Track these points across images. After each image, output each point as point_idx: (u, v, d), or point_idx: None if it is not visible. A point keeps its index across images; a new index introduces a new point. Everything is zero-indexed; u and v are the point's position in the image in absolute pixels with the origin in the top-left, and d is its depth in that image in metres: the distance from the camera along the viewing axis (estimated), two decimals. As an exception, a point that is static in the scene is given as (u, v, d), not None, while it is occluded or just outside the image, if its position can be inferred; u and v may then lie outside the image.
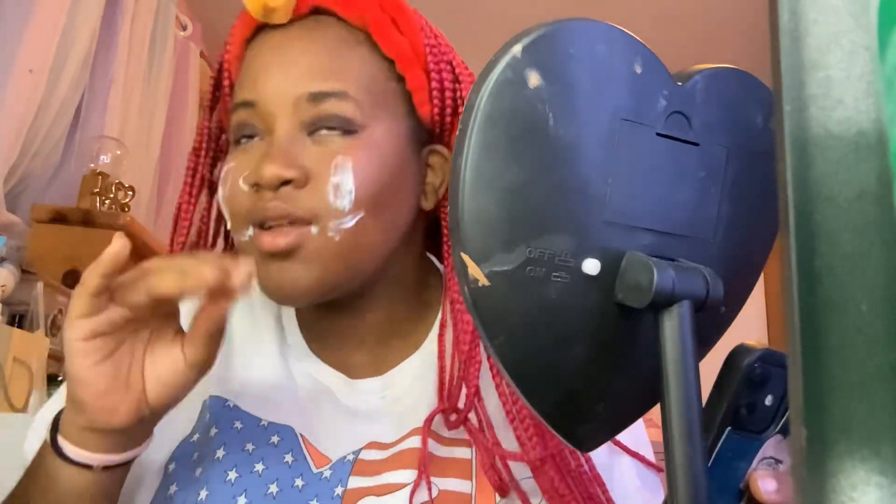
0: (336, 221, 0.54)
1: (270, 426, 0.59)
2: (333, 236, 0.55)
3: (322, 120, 0.56)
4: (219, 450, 0.58)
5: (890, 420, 0.17)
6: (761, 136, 0.39)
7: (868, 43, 0.18)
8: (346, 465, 0.58)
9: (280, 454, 0.58)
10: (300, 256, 0.55)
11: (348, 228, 0.55)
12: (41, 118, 1.72)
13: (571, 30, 0.33)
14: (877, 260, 0.18)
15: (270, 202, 0.54)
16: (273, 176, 0.54)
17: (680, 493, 0.32)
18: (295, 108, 0.56)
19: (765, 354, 0.39)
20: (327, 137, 0.56)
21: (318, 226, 0.54)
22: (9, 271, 1.42)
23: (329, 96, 0.56)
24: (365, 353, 0.64)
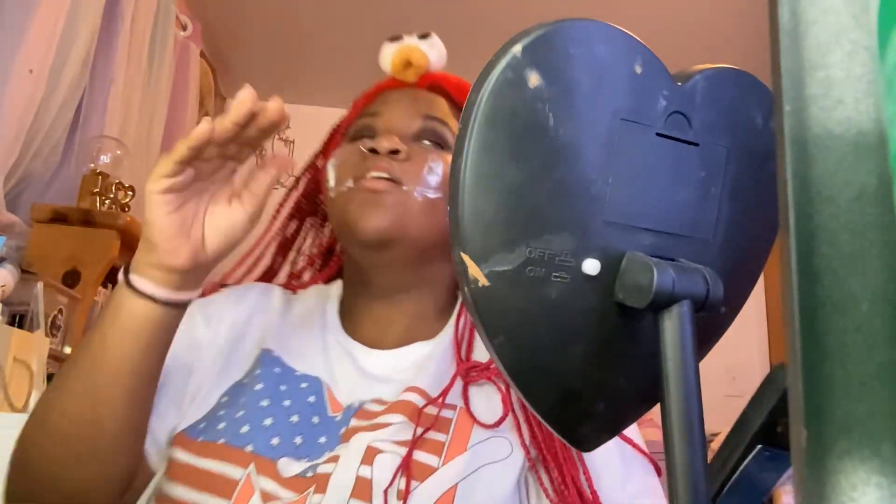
0: (422, 188, 0.73)
1: (303, 375, 0.73)
2: (417, 197, 0.72)
3: (428, 133, 0.77)
4: (258, 384, 0.71)
5: (890, 420, 0.17)
6: (761, 136, 0.39)
7: (868, 43, 0.18)
8: (351, 410, 0.70)
9: (306, 395, 0.71)
10: (389, 200, 0.71)
11: (429, 198, 0.73)
12: (41, 118, 1.72)
13: (571, 30, 0.33)
14: (877, 260, 0.18)
15: (381, 161, 0.72)
16: (390, 144, 0.73)
17: (680, 493, 0.32)
18: (411, 120, 0.77)
19: None
20: (426, 146, 0.76)
21: (408, 186, 0.72)
22: (9, 271, 1.42)
23: (436, 120, 0.78)
24: (392, 336, 0.78)
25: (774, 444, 0.39)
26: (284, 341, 0.78)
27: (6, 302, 1.41)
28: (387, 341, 0.78)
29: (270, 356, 0.75)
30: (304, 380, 0.73)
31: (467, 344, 0.77)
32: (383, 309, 0.79)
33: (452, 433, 0.68)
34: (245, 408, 0.69)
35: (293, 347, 0.77)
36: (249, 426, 0.67)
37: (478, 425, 0.68)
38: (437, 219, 0.74)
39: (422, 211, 0.73)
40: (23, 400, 1.30)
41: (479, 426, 0.68)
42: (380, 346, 0.78)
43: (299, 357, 0.76)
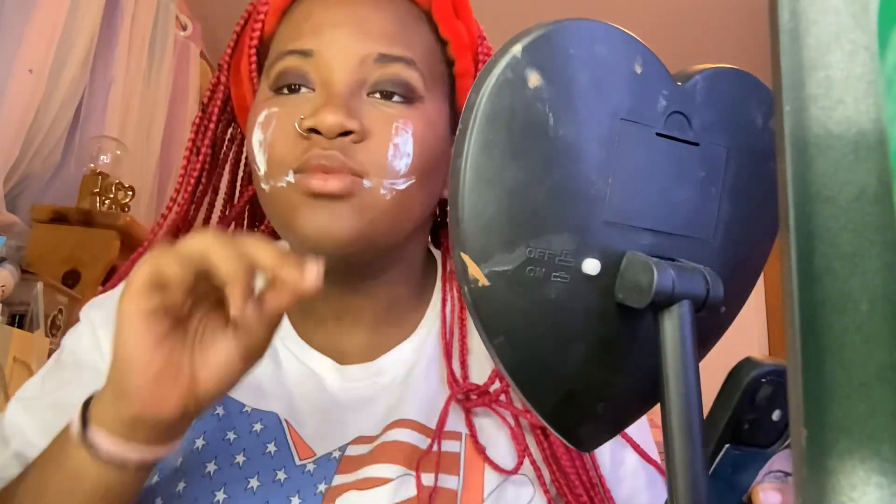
0: (390, 181, 0.54)
1: (254, 412, 0.57)
2: (385, 194, 0.54)
3: (386, 83, 0.55)
4: (198, 439, 0.55)
5: (890, 420, 0.17)
6: (761, 136, 0.39)
7: (868, 43, 0.18)
8: (331, 462, 0.55)
9: (262, 444, 0.55)
10: (350, 203, 0.53)
11: (399, 190, 0.55)
12: (41, 118, 1.72)
13: (571, 30, 0.33)
14: (877, 260, 0.18)
15: (328, 150, 0.53)
16: (336, 123, 0.52)
17: (680, 494, 0.32)
18: (360, 65, 0.55)
19: (773, 370, 0.37)
20: (385, 102, 0.55)
21: (371, 181, 0.54)
22: (9, 271, 1.42)
23: (398, 60, 0.56)
24: (359, 337, 0.62)
25: (743, 442, 0.38)
26: None
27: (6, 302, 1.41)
28: (356, 345, 0.62)
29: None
30: (257, 418, 0.56)
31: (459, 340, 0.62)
32: (347, 300, 0.61)
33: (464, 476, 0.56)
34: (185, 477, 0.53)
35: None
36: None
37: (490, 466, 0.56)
38: (412, 209, 0.57)
39: (392, 210, 0.55)
40: (23, 400, 1.30)
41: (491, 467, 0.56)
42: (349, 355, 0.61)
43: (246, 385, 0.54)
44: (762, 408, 0.38)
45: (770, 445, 0.39)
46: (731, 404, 0.37)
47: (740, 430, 0.38)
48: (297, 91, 0.56)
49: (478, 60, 0.63)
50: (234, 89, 0.65)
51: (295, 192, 0.54)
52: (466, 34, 0.62)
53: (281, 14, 0.61)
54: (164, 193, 2.33)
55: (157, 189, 2.31)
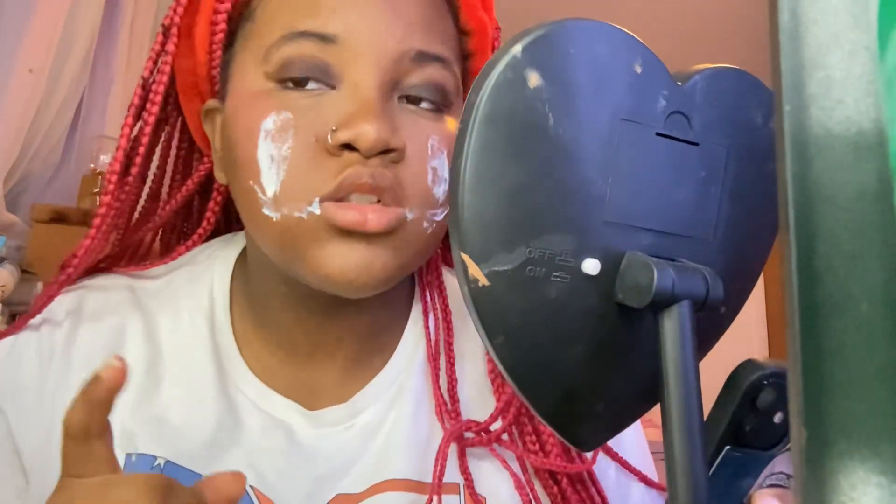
0: (431, 211, 0.46)
1: None
2: (427, 227, 0.46)
3: (422, 88, 0.46)
4: None
5: (890, 420, 0.17)
6: (761, 136, 0.39)
7: (868, 43, 0.18)
8: None
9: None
10: (392, 240, 0.45)
11: (438, 223, 0.46)
12: (41, 118, 1.72)
13: (571, 30, 0.33)
14: (877, 260, 0.18)
15: (377, 168, 0.43)
16: (380, 140, 0.43)
17: (680, 494, 0.32)
18: (395, 62, 0.45)
19: (774, 372, 0.37)
20: (415, 109, 0.46)
21: (414, 213, 0.45)
22: (9, 271, 1.42)
23: (436, 61, 0.46)
24: (335, 370, 0.53)
25: (744, 444, 0.38)
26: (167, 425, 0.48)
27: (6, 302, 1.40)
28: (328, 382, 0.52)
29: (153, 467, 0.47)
30: None
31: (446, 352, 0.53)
32: (324, 329, 0.51)
33: None
34: None
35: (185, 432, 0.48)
36: None
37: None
38: (437, 241, 0.49)
39: (430, 246, 0.47)
40: (23, 400, 1.30)
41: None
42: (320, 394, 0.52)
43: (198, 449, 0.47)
44: (763, 410, 0.38)
45: (771, 448, 0.39)
46: (731, 406, 0.37)
47: (741, 433, 0.38)
48: (305, 85, 0.45)
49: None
50: (180, 60, 0.52)
51: (319, 225, 0.44)
52: (490, 28, 0.53)
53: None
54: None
55: (157, 189, 2.31)
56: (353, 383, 0.53)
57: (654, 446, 0.68)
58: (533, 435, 0.53)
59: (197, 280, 0.54)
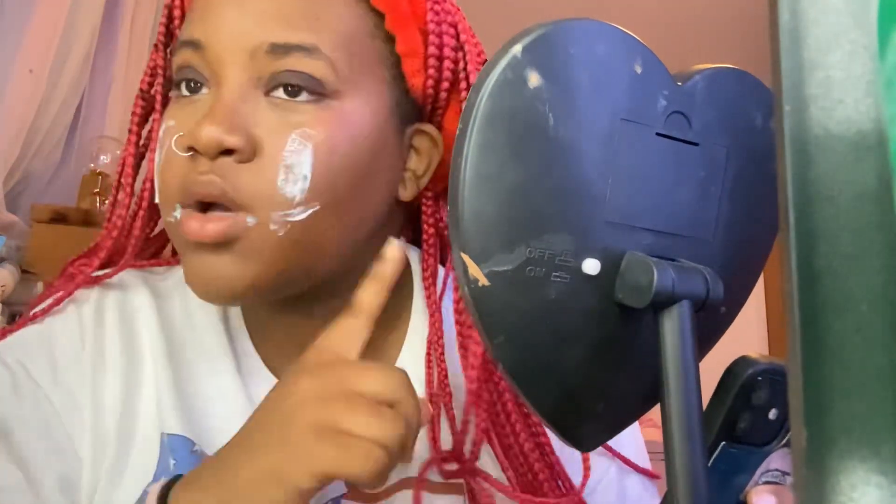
0: (281, 213, 0.44)
1: None
2: (276, 230, 0.44)
3: (283, 78, 0.45)
4: None
5: (890, 420, 0.17)
6: (761, 136, 0.39)
7: (868, 43, 0.18)
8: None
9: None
10: (233, 250, 0.44)
11: (296, 222, 0.44)
12: (41, 118, 1.72)
13: (571, 30, 0.33)
14: (877, 260, 0.18)
15: (205, 175, 0.43)
16: (211, 140, 0.43)
17: (680, 494, 0.32)
18: (251, 58, 0.45)
19: (768, 368, 0.37)
20: (288, 102, 0.45)
21: (256, 216, 0.44)
22: (9, 271, 1.42)
23: (295, 49, 0.44)
24: None
25: (740, 440, 0.38)
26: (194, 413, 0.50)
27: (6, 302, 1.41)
28: None
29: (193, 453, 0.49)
30: None
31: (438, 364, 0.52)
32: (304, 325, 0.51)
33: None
34: None
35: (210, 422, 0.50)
36: None
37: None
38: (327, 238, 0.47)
39: (293, 247, 0.45)
40: (23, 400, 1.30)
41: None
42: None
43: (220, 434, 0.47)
44: (758, 406, 0.38)
45: (767, 444, 0.39)
46: (726, 402, 0.37)
47: (736, 429, 0.38)
48: (198, 90, 0.47)
49: (427, 34, 0.50)
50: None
51: (177, 232, 0.45)
52: (408, 3, 0.49)
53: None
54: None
55: (157, 189, 2.31)
56: None
57: (655, 446, 0.68)
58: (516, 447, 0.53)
59: None
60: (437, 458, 0.51)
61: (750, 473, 0.39)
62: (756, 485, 0.39)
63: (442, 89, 0.51)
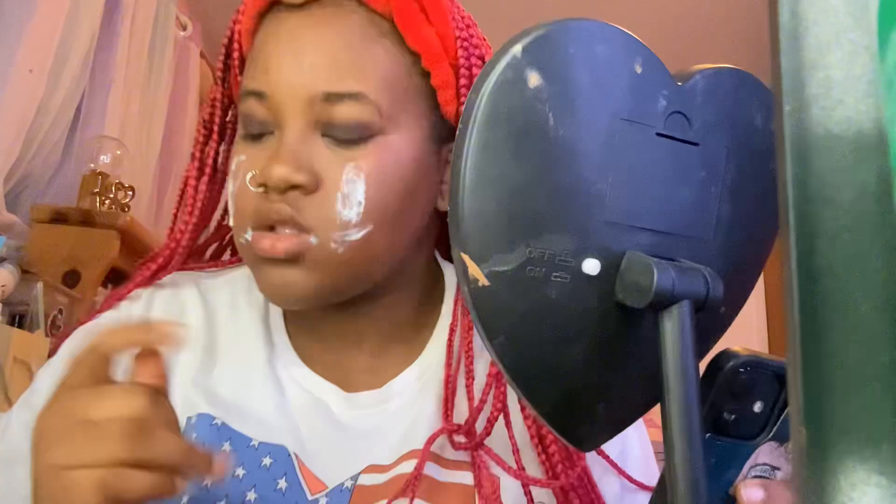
0: (341, 233, 0.51)
1: (262, 446, 0.55)
2: (336, 248, 0.52)
3: (337, 122, 0.52)
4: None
5: (890, 420, 0.17)
6: (761, 136, 0.39)
7: (868, 43, 0.18)
8: (343, 493, 0.54)
9: (273, 479, 0.54)
10: (299, 264, 0.52)
11: (353, 241, 0.52)
12: (41, 118, 1.72)
13: (571, 30, 0.33)
14: (877, 260, 0.18)
15: (276, 203, 0.51)
16: (280, 179, 0.50)
17: (680, 493, 0.32)
18: (308, 105, 0.52)
19: (750, 361, 0.38)
20: (341, 141, 0.52)
21: (319, 236, 0.51)
22: (9, 271, 1.42)
23: (345, 97, 0.51)
24: (363, 359, 0.61)
25: (726, 434, 0.39)
26: (220, 394, 0.57)
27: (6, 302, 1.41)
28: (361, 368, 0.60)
29: (212, 426, 0.55)
30: (266, 452, 0.55)
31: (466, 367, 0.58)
32: (348, 320, 0.59)
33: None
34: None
35: (238, 400, 0.57)
36: None
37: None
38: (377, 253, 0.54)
39: (351, 262, 0.52)
40: (23, 400, 1.30)
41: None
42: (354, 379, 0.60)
43: (250, 416, 0.56)
44: (742, 399, 0.38)
45: (754, 437, 0.39)
46: (709, 394, 0.38)
47: (721, 421, 0.38)
48: (263, 134, 0.54)
49: (458, 66, 0.56)
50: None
51: (251, 253, 0.53)
52: (439, 41, 0.56)
53: (251, 35, 0.57)
54: (164, 193, 2.33)
55: (157, 189, 2.31)
56: (384, 372, 0.60)
57: (654, 446, 0.68)
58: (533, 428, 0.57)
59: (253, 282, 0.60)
60: (446, 428, 0.55)
61: (738, 468, 0.40)
62: (745, 479, 0.40)
63: None
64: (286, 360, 0.60)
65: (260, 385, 0.58)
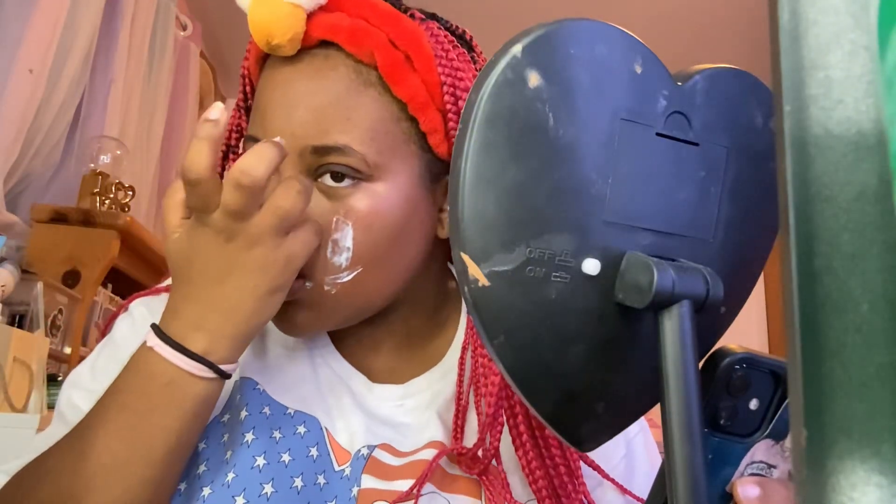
0: (332, 277, 0.55)
1: (297, 415, 0.60)
2: (329, 290, 0.56)
3: (327, 168, 0.55)
4: (248, 433, 0.58)
5: (890, 420, 0.17)
6: (761, 136, 0.39)
7: (868, 43, 0.18)
8: (360, 460, 0.58)
9: (306, 446, 0.58)
10: (298, 304, 0.56)
11: (345, 282, 0.56)
12: (41, 118, 1.72)
13: (571, 30, 0.33)
14: (877, 260, 0.18)
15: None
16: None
17: (680, 493, 0.32)
18: (300, 157, 0.55)
19: (746, 358, 0.38)
20: (333, 187, 0.55)
21: (312, 280, 0.55)
22: (9, 271, 1.42)
23: (333, 151, 0.54)
24: (383, 360, 0.65)
25: (722, 431, 0.39)
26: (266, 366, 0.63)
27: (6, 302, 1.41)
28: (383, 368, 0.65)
29: (255, 390, 0.61)
30: (300, 420, 0.60)
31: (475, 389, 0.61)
32: (363, 329, 0.64)
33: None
34: (236, 468, 0.56)
35: (276, 372, 0.63)
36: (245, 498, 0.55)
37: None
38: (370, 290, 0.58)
39: (345, 300, 0.56)
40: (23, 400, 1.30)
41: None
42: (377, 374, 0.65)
43: (286, 387, 0.62)
44: (738, 395, 0.39)
45: (750, 435, 0.40)
46: (705, 391, 0.38)
47: (717, 418, 0.39)
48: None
49: (446, 111, 0.58)
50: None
51: None
52: (425, 88, 0.57)
53: (256, 78, 0.61)
54: (164, 193, 2.33)
55: (157, 189, 2.32)
56: (405, 372, 0.65)
57: (655, 446, 0.69)
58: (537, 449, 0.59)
59: None
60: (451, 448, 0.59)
61: (734, 465, 0.40)
62: (741, 476, 0.40)
63: None
64: (321, 345, 0.65)
65: (298, 362, 0.64)
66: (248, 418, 0.59)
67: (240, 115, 0.66)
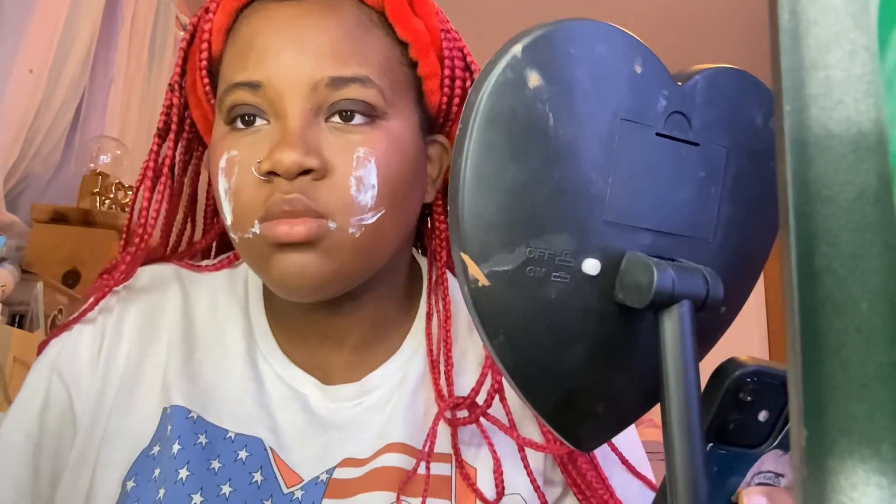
0: (357, 218, 0.51)
1: (238, 438, 0.55)
2: (354, 233, 0.52)
3: (341, 105, 0.52)
4: (181, 469, 0.53)
5: (890, 420, 0.17)
6: (761, 136, 0.39)
7: (868, 43, 0.18)
8: (318, 486, 0.55)
9: (248, 472, 0.54)
10: (317, 248, 0.51)
11: (369, 225, 0.52)
12: (41, 118, 1.72)
13: (571, 30, 0.33)
14: (877, 260, 0.18)
15: (290, 194, 0.50)
16: (293, 164, 0.49)
17: (680, 494, 0.32)
18: (312, 91, 0.51)
19: (756, 371, 0.37)
20: (345, 126, 0.52)
21: (336, 221, 0.51)
22: (9, 271, 1.42)
23: (352, 81, 0.52)
24: (343, 355, 0.61)
25: (730, 442, 0.38)
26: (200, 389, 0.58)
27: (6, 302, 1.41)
28: (340, 365, 0.60)
29: (188, 419, 0.56)
30: (242, 444, 0.55)
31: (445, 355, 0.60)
32: (332, 320, 0.59)
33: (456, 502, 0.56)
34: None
35: (215, 392, 0.57)
36: None
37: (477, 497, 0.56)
38: (387, 238, 0.55)
39: (365, 246, 0.53)
40: (23, 400, 1.30)
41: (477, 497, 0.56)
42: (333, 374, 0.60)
43: (227, 408, 0.57)
44: (747, 408, 0.38)
45: (758, 446, 0.39)
46: (714, 404, 0.37)
47: (726, 431, 0.38)
48: (253, 123, 0.53)
49: (443, 57, 0.58)
50: (194, 110, 0.62)
51: (262, 242, 0.52)
52: (427, 32, 0.57)
53: (226, 33, 0.57)
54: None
55: (157, 189, 2.31)
56: (363, 367, 0.61)
57: (654, 446, 0.68)
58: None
59: (234, 279, 0.64)
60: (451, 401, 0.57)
61: (741, 475, 0.39)
62: (748, 486, 0.39)
63: (454, 104, 0.60)
64: (266, 352, 0.60)
65: (238, 376, 0.59)
66: (181, 452, 0.54)
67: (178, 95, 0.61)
